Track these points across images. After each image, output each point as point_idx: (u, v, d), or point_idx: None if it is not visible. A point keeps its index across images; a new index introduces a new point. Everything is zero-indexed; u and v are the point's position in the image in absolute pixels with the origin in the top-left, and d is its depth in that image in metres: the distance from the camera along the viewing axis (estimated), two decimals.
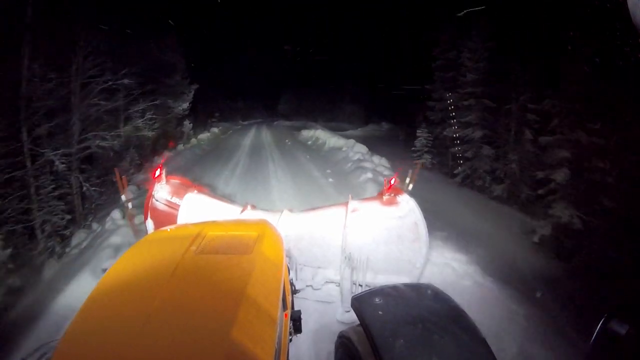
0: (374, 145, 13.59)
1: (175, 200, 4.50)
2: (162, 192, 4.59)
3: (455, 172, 11.06)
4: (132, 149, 11.98)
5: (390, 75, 26.85)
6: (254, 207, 4.51)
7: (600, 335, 1.55)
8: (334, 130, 20.58)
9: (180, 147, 16.94)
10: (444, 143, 12.83)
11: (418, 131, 13.56)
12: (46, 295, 4.78)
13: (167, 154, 14.12)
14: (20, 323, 4.40)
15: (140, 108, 12.73)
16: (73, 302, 3.95)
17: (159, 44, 17.10)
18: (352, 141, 14.03)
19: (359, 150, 12.67)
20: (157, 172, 4.69)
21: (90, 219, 8.63)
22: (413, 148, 13.47)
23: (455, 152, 11.33)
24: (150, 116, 13.35)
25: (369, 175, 9.25)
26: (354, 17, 30.64)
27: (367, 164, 10.51)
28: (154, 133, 14.32)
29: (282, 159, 13.65)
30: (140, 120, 12.93)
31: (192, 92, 20.18)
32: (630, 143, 5.66)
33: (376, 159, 11.49)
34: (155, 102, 13.69)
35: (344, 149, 13.68)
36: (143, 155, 13.40)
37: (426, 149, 13.30)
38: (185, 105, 19.38)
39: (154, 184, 4.64)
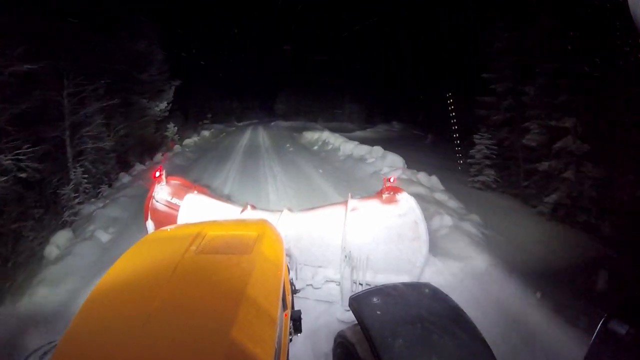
0: (399, 153, 9.85)
1: (175, 201, 4.51)
2: (162, 192, 4.60)
3: (546, 199, 7.60)
4: (78, 168, 8.70)
5: (400, 70, 25.24)
6: (253, 207, 4.52)
7: (600, 335, 1.55)
8: (337, 131, 17.26)
9: (158, 156, 13.67)
10: (511, 154, 9.59)
11: (476, 137, 10.18)
12: None
13: (138, 167, 11.60)
14: None
15: (90, 110, 9.44)
16: None
17: (130, 30, 13.51)
18: (379, 149, 10.27)
19: (394, 162, 9.05)
20: (158, 173, 4.71)
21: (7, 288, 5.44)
22: (470, 160, 10.09)
23: (532, 168, 8.22)
24: (101, 121, 9.90)
25: (445, 219, 5.36)
26: (355, 14, 29.53)
27: (419, 189, 6.78)
28: (114, 143, 10.84)
29: (287, 175, 10.16)
30: (89, 127, 9.37)
31: (173, 89, 16.89)
32: None
33: (423, 177, 7.87)
34: (113, 102, 10.45)
35: (369, 160, 10.05)
36: (105, 172, 10.18)
37: (488, 162, 9.80)
38: (164, 104, 16.33)
39: (154, 185, 4.65)
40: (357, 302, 2.14)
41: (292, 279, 3.63)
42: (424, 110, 21.14)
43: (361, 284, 3.70)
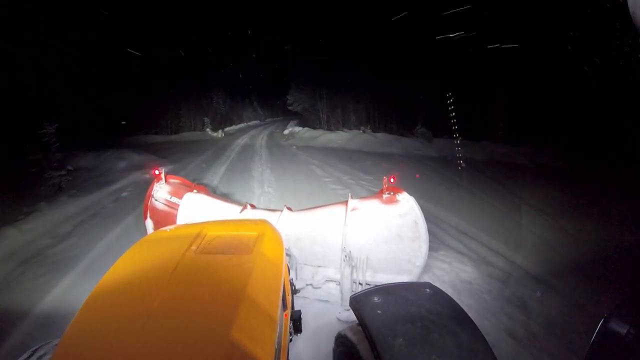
0: None
1: (174, 200, 4.52)
2: (161, 191, 4.60)
3: None
4: None
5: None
6: (253, 206, 4.52)
7: (600, 335, 1.55)
8: None
9: None
10: None
11: None
12: None
13: None
14: None
15: None
16: None
17: None
18: None
19: None
20: (157, 171, 4.70)
21: None
22: None
23: None
24: None
25: None
26: None
27: None
28: None
29: None
30: None
31: None
32: None
33: None
34: None
35: None
36: None
37: None
38: None
39: (153, 184, 4.64)
40: (358, 302, 2.14)
41: (292, 279, 3.63)
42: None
43: (361, 284, 3.71)
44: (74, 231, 6.24)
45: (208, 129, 23.40)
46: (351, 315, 2.99)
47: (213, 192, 7.24)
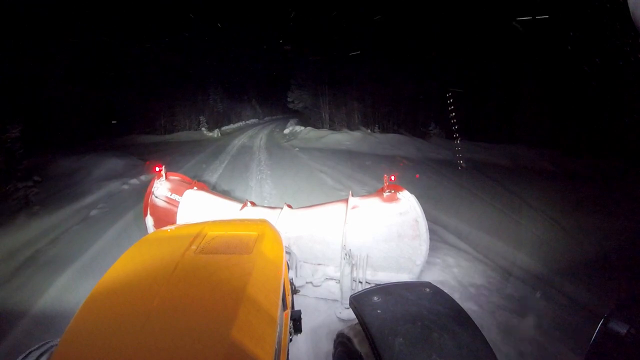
0: None
1: (174, 197, 4.52)
2: (161, 188, 4.60)
3: None
4: None
5: None
6: (253, 204, 4.51)
7: (600, 335, 1.55)
8: None
9: None
10: None
11: None
12: None
13: None
14: None
15: None
16: None
17: None
18: None
19: None
20: (157, 169, 4.70)
21: None
22: None
23: None
24: None
25: None
26: None
27: None
28: None
29: None
30: None
31: None
32: None
33: None
34: None
35: None
36: None
37: None
38: None
39: (153, 181, 4.64)
40: (358, 301, 2.14)
41: (292, 278, 3.63)
42: None
43: (361, 282, 3.71)
44: (23, 267, 4.89)
45: (203, 129, 22.32)
46: (351, 314, 2.99)
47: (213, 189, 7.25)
